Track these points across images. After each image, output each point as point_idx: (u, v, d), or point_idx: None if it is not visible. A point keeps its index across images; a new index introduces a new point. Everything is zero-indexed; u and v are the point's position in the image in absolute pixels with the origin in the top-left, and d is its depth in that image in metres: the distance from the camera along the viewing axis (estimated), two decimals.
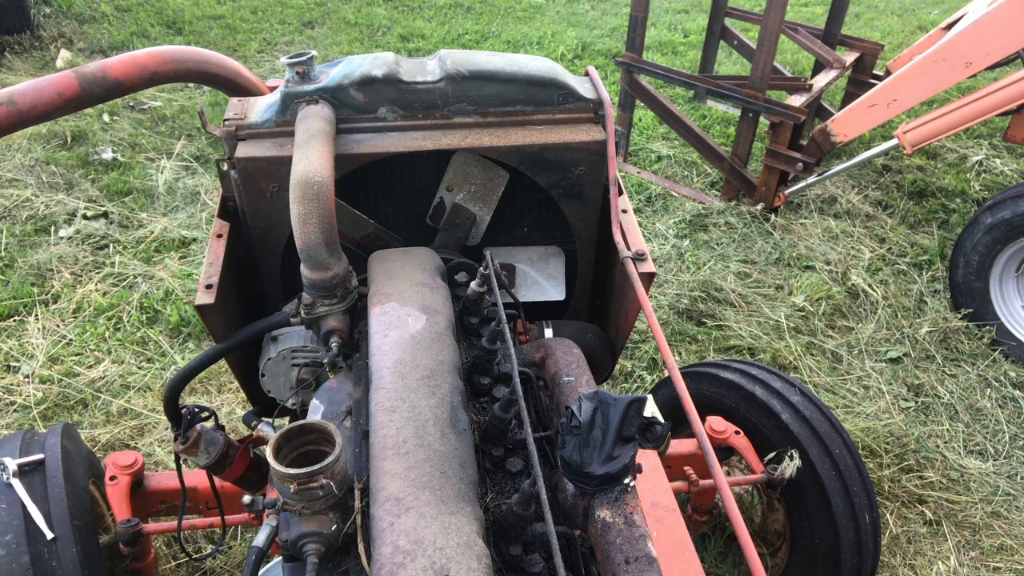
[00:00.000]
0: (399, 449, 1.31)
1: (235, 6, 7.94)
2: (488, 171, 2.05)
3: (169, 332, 3.62)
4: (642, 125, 5.70)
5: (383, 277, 1.76)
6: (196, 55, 2.07)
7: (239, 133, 1.94)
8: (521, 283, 2.20)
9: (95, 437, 3.06)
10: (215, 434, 1.91)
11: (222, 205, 2.05)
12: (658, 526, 2.01)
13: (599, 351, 2.19)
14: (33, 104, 1.77)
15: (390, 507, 1.22)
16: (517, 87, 2.02)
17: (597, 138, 2.02)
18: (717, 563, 2.69)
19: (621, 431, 1.25)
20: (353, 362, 1.74)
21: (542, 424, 1.67)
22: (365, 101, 1.97)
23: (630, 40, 4.84)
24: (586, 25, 7.91)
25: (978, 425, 3.30)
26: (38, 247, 4.12)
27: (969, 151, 5.25)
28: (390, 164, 2.01)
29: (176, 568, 2.60)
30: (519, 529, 1.29)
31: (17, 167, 4.73)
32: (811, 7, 8.51)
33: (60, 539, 1.80)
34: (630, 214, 2.06)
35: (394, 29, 7.56)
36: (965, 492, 2.99)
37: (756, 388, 2.43)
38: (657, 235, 4.47)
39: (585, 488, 1.29)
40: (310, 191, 1.62)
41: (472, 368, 1.67)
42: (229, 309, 1.93)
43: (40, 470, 1.93)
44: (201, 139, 5.34)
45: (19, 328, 3.60)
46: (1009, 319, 3.65)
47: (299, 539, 1.25)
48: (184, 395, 3.00)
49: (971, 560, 2.77)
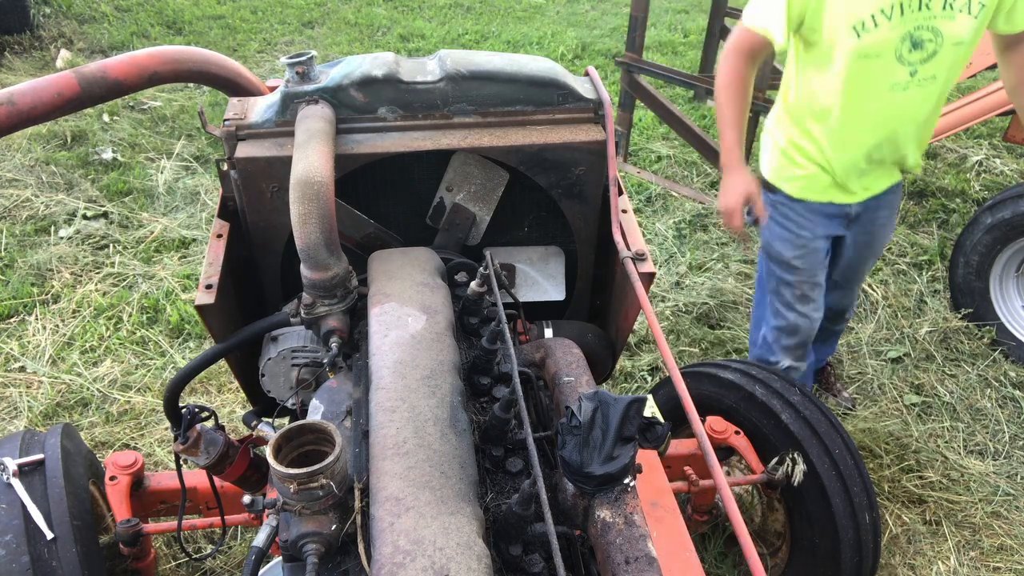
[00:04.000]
0: (399, 449, 1.31)
1: (235, 6, 7.94)
2: (488, 171, 2.05)
3: (169, 332, 3.62)
4: (642, 125, 5.70)
5: (383, 277, 1.76)
6: (196, 55, 2.07)
7: (239, 133, 1.94)
8: (521, 283, 2.20)
9: (95, 437, 3.06)
10: (215, 434, 1.91)
11: (222, 205, 2.05)
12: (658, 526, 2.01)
13: (599, 351, 2.19)
14: (33, 104, 1.77)
15: (390, 507, 1.22)
16: (517, 87, 2.02)
17: (597, 138, 2.02)
18: (717, 563, 2.69)
19: (621, 431, 1.25)
20: (353, 362, 1.74)
21: (542, 424, 1.67)
22: (365, 101, 1.98)
23: (630, 40, 4.84)
24: (586, 25, 7.91)
25: (978, 425, 3.30)
26: (38, 247, 4.12)
27: (969, 151, 5.25)
28: (390, 164, 2.01)
29: (176, 568, 2.60)
30: (519, 529, 1.28)
31: (17, 167, 4.73)
32: None
33: (60, 539, 1.80)
34: (630, 214, 2.06)
35: (394, 29, 7.56)
36: (965, 492, 2.99)
37: (756, 388, 2.42)
38: (657, 235, 4.47)
39: (585, 488, 1.29)
40: (310, 191, 1.62)
41: (472, 368, 1.67)
42: (229, 309, 1.93)
43: (40, 470, 1.93)
44: (201, 139, 5.34)
45: (19, 328, 3.60)
46: (1009, 319, 3.65)
47: (299, 539, 1.25)
48: (184, 395, 3.00)
49: (971, 560, 2.77)
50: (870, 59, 2.25)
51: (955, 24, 2.19)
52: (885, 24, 2.18)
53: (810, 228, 2.66)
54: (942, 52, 2.24)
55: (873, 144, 2.46)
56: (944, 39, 2.21)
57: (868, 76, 2.29)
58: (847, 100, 2.37)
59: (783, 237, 2.71)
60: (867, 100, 2.36)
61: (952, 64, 2.29)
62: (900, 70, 2.27)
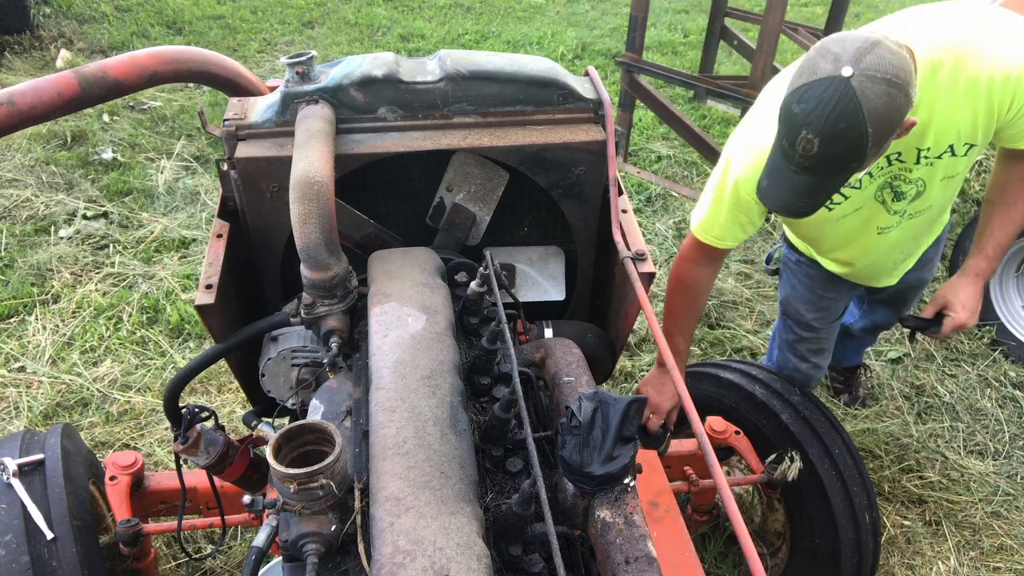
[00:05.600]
0: (399, 449, 1.31)
1: (235, 6, 7.94)
2: (488, 171, 2.05)
3: (169, 332, 3.62)
4: (642, 125, 5.70)
5: (383, 277, 1.76)
6: (196, 55, 2.07)
7: (239, 133, 1.94)
8: (521, 283, 2.20)
9: (95, 437, 3.06)
10: (215, 434, 1.91)
11: (222, 205, 2.05)
12: (658, 526, 2.01)
13: (599, 351, 2.19)
14: (33, 104, 1.77)
15: (390, 507, 1.22)
16: (517, 87, 2.02)
17: (597, 138, 2.02)
18: (717, 563, 2.69)
19: (621, 431, 1.25)
20: (353, 362, 1.74)
21: (542, 424, 1.67)
22: (365, 101, 1.97)
23: (630, 40, 4.84)
24: (586, 25, 7.91)
25: (978, 425, 3.30)
26: (38, 247, 4.12)
27: None
28: (390, 164, 2.01)
29: (176, 568, 2.60)
30: (519, 529, 1.28)
31: (17, 167, 4.73)
32: (811, 7, 8.52)
33: (60, 539, 1.80)
34: (630, 214, 2.06)
35: (394, 29, 7.56)
36: (965, 492, 2.99)
37: (756, 388, 2.43)
38: (657, 235, 4.47)
39: (585, 488, 1.29)
40: (310, 191, 1.62)
41: (472, 368, 1.66)
42: (229, 309, 1.93)
43: (40, 470, 1.93)
44: (201, 139, 5.34)
45: (19, 328, 3.60)
46: (1009, 319, 3.65)
47: (299, 539, 1.25)
48: (184, 395, 3.00)
49: (971, 560, 2.77)
50: (848, 217, 2.04)
51: (936, 169, 1.90)
52: (856, 193, 1.97)
53: (835, 290, 2.48)
54: (930, 190, 1.96)
55: (880, 266, 2.29)
56: (928, 181, 1.94)
57: (850, 229, 2.10)
58: (834, 248, 2.23)
59: (804, 298, 2.54)
60: (855, 245, 2.18)
61: (948, 190, 2.01)
62: (886, 218, 2.05)
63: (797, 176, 1.61)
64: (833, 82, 1.48)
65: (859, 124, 1.48)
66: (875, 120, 1.48)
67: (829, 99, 1.48)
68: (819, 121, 1.50)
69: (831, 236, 2.17)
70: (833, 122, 1.49)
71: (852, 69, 1.46)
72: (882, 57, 1.48)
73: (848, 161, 1.56)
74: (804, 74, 1.54)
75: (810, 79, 1.51)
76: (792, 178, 1.63)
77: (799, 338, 2.67)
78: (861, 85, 1.46)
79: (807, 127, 1.52)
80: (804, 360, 2.71)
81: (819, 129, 1.50)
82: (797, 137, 1.54)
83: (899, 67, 1.49)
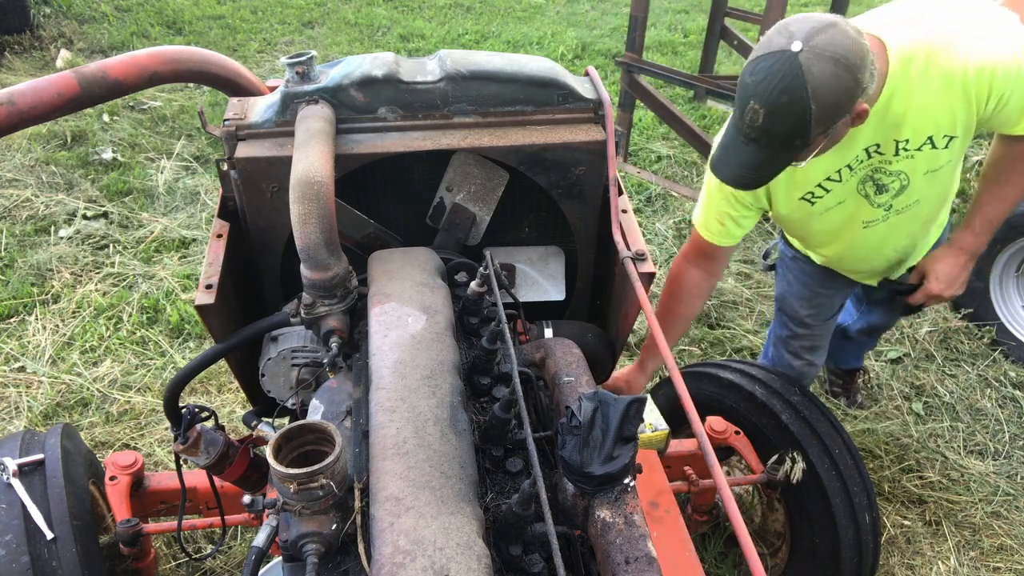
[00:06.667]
0: (399, 449, 1.31)
1: (235, 6, 7.94)
2: (488, 171, 2.05)
3: (169, 332, 3.62)
4: (642, 125, 5.70)
5: (383, 277, 1.76)
6: (196, 55, 2.07)
7: (239, 133, 1.94)
8: (521, 283, 2.20)
9: (95, 437, 3.06)
10: (215, 434, 1.91)
11: (222, 205, 2.05)
12: (658, 526, 2.01)
13: (599, 351, 2.19)
14: (33, 104, 1.77)
15: (390, 507, 1.22)
16: (517, 87, 2.02)
17: (597, 138, 2.02)
18: (717, 563, 2.69)
19: (621, 431, 1.25)
20: (353, 362, 1.74)
21: (542, 424, 1.67)
22: (365, 101, 1.97)
23: (630, 40, 4.84)
24: (586, 25, 7.91)
25: (978, 425, 3.30)
26: (38, 247, 4.12)
27: (969, 151, 5.25)
28: (390, 164, 2.01)
29: (176, 568, 2.60)
30: (519, 529, 1.29)
31: (17, 167, 4.73)
32: (811, 7, 8.52)
33: (60, 539, 1.80)
34: (630, 214, 2.06)
35: (394, 29, 7.56)
36: (965, 492, 2.99)
37: (756, 388, 2.42)
38: (657, 235, 4.47)
39: (585, 488, 1.29)
40: (310, 191, 1.62)
41: (472, 368, 1.67)
42: (229, 309, 1.93)
43: (40, 470, 1.93)
44: (201, 139, 5.34)
45: (19, 328, 3.60)
46: (1009, 319, 3.65)
47: (299, 539, 1.25)
48: (184, 395, 3.00)
49: (971, 560, 2.77)
50: (831, 210, 2.04)
51: (917, 162, 1.89)
52: (837, 186, 1.97)
53: (831, 286, 2.47)
54: (914, 183, 1.95)
55: (872, 262, 2.29)
56: (911, 174, 1.93)
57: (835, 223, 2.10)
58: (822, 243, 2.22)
59: (799, 294, 2.54)
60: (842, 239, 2.17)
61: (935, 185, 2.00)
62: (870, 211, 2.04)
63: (745, 147, 1.66)
64: (782, 56, 1.51)
65: (803, 99, 1.51)
66: (819, 97, 1.51)
67: (776, 72, 1.52)
68: (764, 93, 1.54)
69: (817, 230, 2.18)
70: (777, 95, 1.52)
71: (802, 45, 1.50)
72: (834, 38, 1.51)
73: (792, 136, 1.59)
74: (761, 47, 1.58)
75: (763, 52, 1.55)
76: (741, 149, 1.67)
77: (793, 334, 2.69)
78: (808, 61, 1.49)
79: (754, 98, 1.56)
80: (798, 357, 2.72)
81: (764, 100, 1.54)
82: (745, 107, 1.59)
83: (850, 49, 1.51)
